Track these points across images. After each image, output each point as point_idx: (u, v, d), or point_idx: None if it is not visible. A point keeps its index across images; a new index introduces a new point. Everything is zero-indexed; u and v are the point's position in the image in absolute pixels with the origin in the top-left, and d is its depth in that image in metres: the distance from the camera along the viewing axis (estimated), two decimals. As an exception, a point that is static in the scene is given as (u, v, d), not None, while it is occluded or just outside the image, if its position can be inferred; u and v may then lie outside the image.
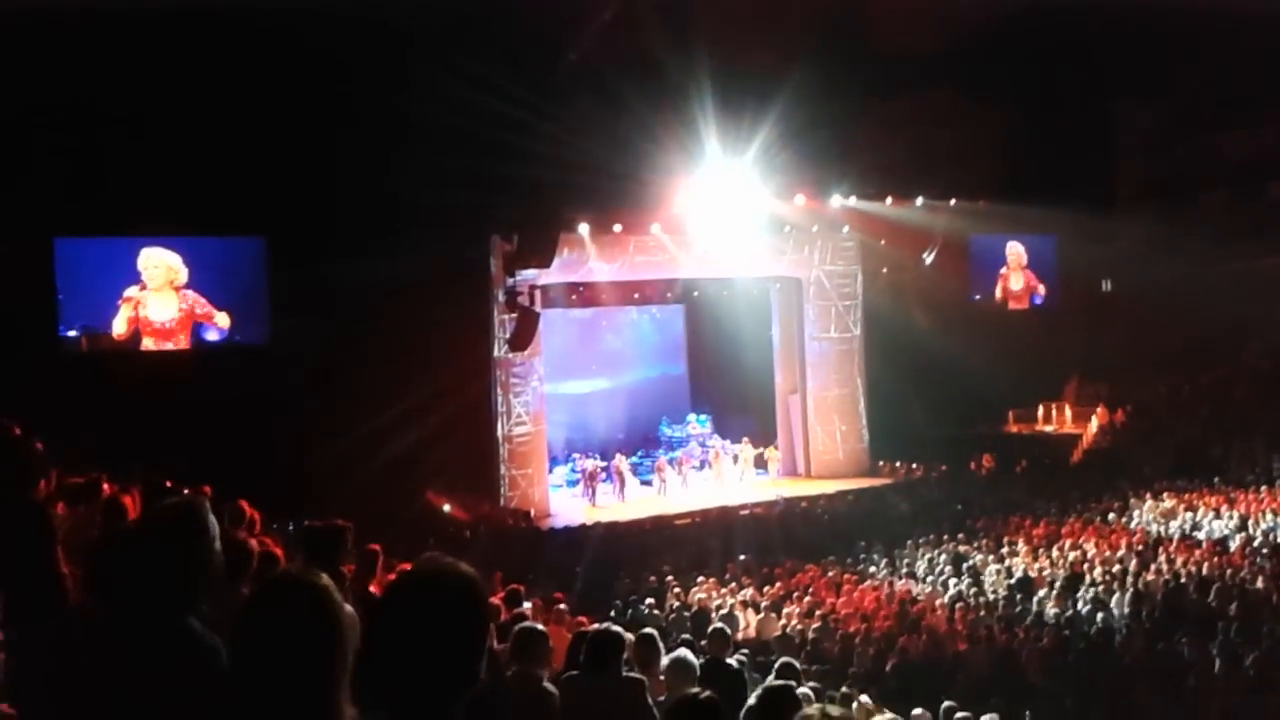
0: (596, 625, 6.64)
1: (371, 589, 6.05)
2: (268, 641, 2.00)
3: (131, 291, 21.15)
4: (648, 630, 6.45)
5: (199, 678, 2.38)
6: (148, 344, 21.29)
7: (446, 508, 22.30)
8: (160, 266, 21.41)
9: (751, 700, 3.37)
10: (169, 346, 21.46)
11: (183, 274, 21.58)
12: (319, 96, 19.53)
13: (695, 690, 3.79)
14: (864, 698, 9.44)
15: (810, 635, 13.29)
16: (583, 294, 27.77)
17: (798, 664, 8.04)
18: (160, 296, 21.40)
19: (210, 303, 21.84)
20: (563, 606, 10.65)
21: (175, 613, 2.56)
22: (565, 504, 25.24)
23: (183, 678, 2.42)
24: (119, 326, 21.08)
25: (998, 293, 31.66)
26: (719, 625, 8.27)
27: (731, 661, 7.25)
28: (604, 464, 26.06)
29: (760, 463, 27.66)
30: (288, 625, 2.00)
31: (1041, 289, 32.04)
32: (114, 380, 19.47)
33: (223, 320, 21.87)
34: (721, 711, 3.47)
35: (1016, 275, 31.90)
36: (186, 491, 5.74)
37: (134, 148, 18.69)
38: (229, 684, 2.07)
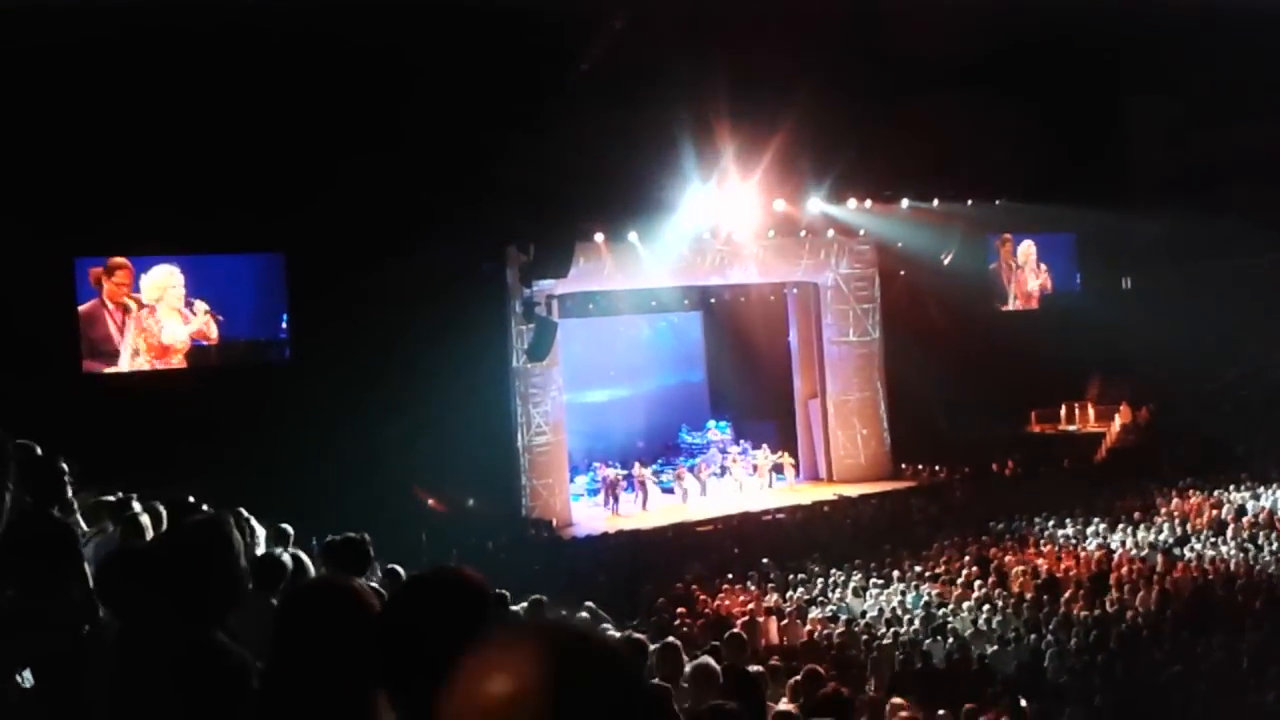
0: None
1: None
2: (307, 643, 2.03)
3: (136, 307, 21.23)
4: (670, 640, 6.43)
5: (226, 690, 2.41)
6: (156, 363, 21.35)
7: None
8: (158, 286, 21.44)
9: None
10: (174, 364, 21.54)
11: (181, 291, 21.61)
12: (334, 110, 19.63)
13: (719, 702, 3.77)
14: (896, 700, 9.37)
15: (836, 640, 13.26)
16: (600, 303, 27.82)
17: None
18: (165, 315, 21.51)
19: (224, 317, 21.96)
20: None
21: (201, 627, 2.58)
22: (586, 513, 25.24)
23: (209, 691, 2.45)
24: (124, 346, 21.16)
25: (1012, 292, 31.48)
26: (736, 631, 8.25)
27: (753, 668, 7.21)
28: (625, 472, 26.02)
29: (778, 469, 27.56)
30: (325, 626, 2.03)
31: (1053, 285, 31.82)
32: (134, 399, 19.61)
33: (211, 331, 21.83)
34: None
35: (1029, 274, 31.72)
36: (208, 509, 5.77)
37: (149, 166, 18.80)
38: (268, 686, 2.10)
